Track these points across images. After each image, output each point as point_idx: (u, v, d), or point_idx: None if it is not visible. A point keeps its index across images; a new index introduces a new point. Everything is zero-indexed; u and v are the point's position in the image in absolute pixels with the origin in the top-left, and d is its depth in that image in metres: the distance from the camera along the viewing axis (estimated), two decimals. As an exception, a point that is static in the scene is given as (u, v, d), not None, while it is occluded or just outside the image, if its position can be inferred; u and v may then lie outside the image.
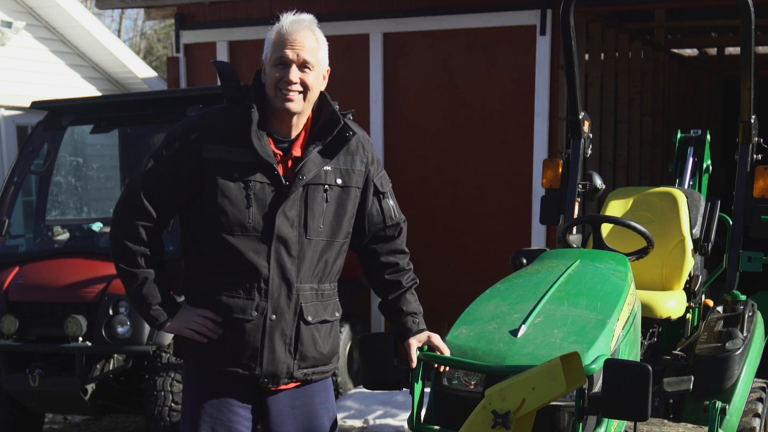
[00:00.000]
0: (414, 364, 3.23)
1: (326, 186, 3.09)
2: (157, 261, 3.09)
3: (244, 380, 3.09)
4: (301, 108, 3.04)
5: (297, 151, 3.09)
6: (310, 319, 3.11)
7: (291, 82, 2.99)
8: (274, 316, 3.05)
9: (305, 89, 3.02)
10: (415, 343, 3.24)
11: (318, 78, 3.07)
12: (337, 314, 3.23)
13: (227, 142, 3.02)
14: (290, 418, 3.18)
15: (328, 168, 3.09)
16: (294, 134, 3.10)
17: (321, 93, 3.13)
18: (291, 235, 3.04)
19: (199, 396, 3.11)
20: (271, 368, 3.08)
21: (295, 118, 3.08)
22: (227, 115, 3.07)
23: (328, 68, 3.14)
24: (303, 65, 3.01)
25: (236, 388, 3.11)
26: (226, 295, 3.04)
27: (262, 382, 3.09)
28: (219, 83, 3.19)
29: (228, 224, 3.00)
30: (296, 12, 3.09)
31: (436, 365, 3.26)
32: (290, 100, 3.00)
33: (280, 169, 3.04)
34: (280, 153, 3.08)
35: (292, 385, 3.17)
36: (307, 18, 3.07)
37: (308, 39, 3.02)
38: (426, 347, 3.25)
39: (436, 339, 3.25)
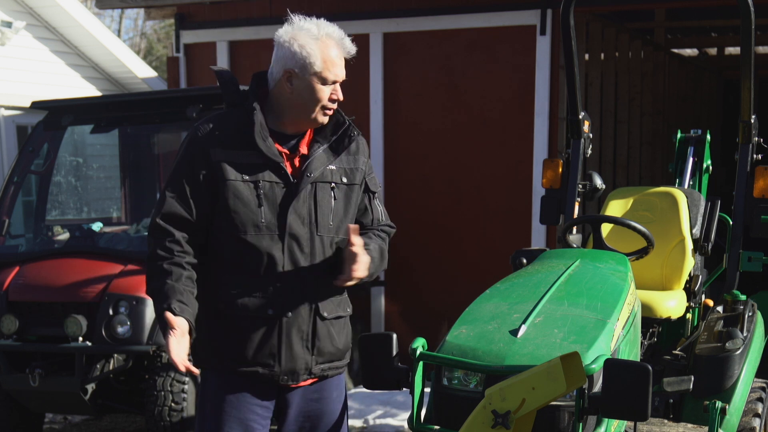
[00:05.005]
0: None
1: (333, 184, 3.17)
2: (183, 263, 3.05)
3: (264, 379, 3.12)
4: None
5: (303, 149, 3.17)
6: (326, 314, 3.17)
7: (340, 101, 3.13)
8: (290, 314, 3.10)
9: None
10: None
11: None
12: (348, 309, 3.31)
13: (233, 146, 3.08)
14: (306, 411, 3.24)
15: (333, 167, 3.18)
16: (300, 133, 3.18)
17: None
18: (302, 232, 3.10)
19: (218, 397, 3.13)
20: (290, 365, 3.12)
21: None
22: (229, 119, 3.14)
23: None
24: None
25: (255, 386, 3.14)
26: (243, 295, 3.08)
27: (282, 380, 3.14)
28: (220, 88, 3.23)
29: (242, 224, 3.06)
30: (321, 17, 3.15)
31: None
32: (327, 116, 3.13)
33: (287, 167, 3.11)
34: (286, 151, 3.14)
35: (310, 381, 3.22)
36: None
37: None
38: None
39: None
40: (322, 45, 3.06)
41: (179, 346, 2.92)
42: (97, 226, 6.92)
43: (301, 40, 3.06)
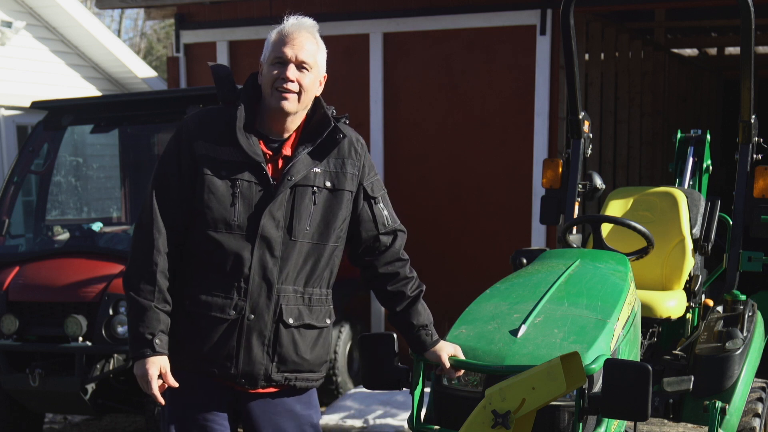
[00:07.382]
0: (453, 374, 3.24)
1: (315, 188, 3.08)
2: (166, 296, 3.04)
3: (221, 380, 3.07)
4: (295, 109, 3.06)
5: (287, 151, 3.10)
6: (290, 321, 3.07)
7: (288, 80, 3.00)
8: (252, 316, 3.03)
9: (301, 90, 3.04)
10: (445, 356, 3.22)
11: (314, 81, 3.09)
12: (327, 321, 3.19)
13: (217, 141, 3.04)
14: (270, 423, 3.14)
15: (317, 170, 3.09)
16: (286, 135, 3.11)
17: (315, 97, 3.14)
18: (275, 236, 3.03)
19: (176, 396, 3.08)
20: (248, 368, 3.05)
21: (288, 120, 3.09)
22: (220, 115, 3.10)
23: (325, 75, 3.16)
24: (301, 65, 3.04)
25: (213, 388, 3.09)
26: (206, 294, 3.04)
27: (239, 383, 3.07)
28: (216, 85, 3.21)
29: (213, 221, 3.01)
30: (299, 15, 3.11)
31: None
32: (285, 99, 3.02)
33: (269, 169, 3.05)
34: (270, 153, 3.09)
35: (272, 389, 3.13)
36: (309, 22, 3.10)
37: (308, 41, 3.06)
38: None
39: (459, 351, 3.26)
40: (277, 30, 3.08)
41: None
42: (97, 226, 6.91)
43: (270, 35, 3.10)
